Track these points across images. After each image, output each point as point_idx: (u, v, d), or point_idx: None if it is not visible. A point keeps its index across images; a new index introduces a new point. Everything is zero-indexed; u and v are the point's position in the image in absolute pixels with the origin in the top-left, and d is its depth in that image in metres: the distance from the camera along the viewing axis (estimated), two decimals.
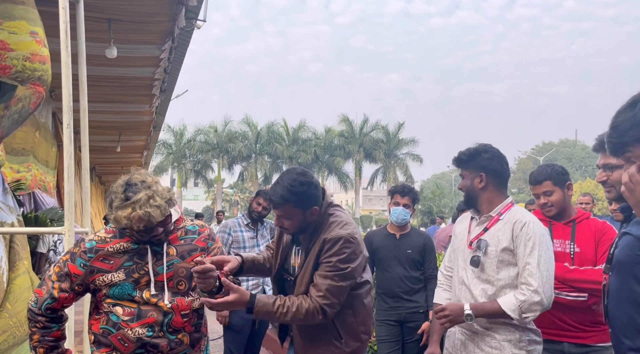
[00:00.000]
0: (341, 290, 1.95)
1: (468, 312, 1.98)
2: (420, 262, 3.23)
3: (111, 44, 4.98)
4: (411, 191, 3.29)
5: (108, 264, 1.77)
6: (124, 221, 1.70)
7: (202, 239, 1.96)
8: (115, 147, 10.15)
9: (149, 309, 1.77)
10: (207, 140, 35.30)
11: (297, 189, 1.95)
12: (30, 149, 6.28)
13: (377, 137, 36.41)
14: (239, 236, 3.71)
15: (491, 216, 2.10)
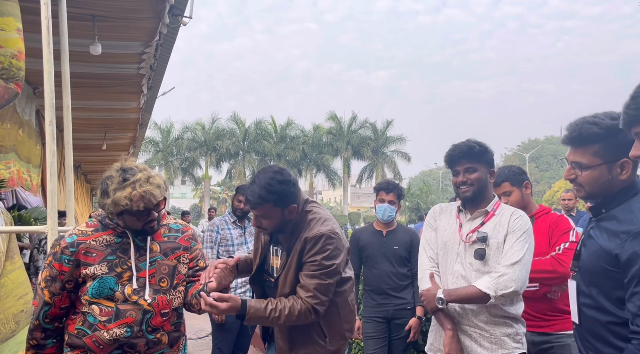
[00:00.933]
0: (329, 287, 1.97)
1: (439, 296, 2.02)
2: (407, 258, 3.24)
3: (96, 41, 4.91)
4: (396, 187, 3.30)
5: (91, 257, 1.74)
6: (123, 202, 1.67)
7: (185, 238, 1.94)
8: (100, 145, 10.02)
9: (128, 308, 1.74)
10: (194, 138, 35.08)
11: (275, 188, 1.93)
12: (12, 146, 6.18)
13: (365, 134, 36.49)
14: (227, 233, 3.71)
15: (487, 211, 2.12)
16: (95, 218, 1.84)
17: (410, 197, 37.11)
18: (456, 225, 2.18)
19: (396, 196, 3.27)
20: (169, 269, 1.83)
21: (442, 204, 2.36)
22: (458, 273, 2.10)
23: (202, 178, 37.45)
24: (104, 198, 1.73)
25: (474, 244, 2.07)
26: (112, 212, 1.74)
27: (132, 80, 6.65)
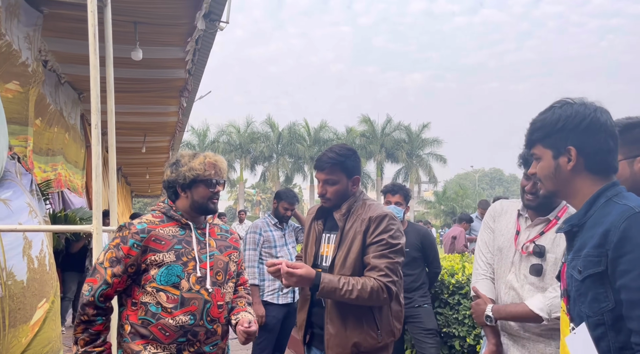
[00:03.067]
0: (398, 266, 1.98)
1: (488, 313, 1.91)
2: (420, 258, 3.18)
3: (137, 47, 5.07)
4: (401, 188, 3.29)
5: (160, 244, 1.81)
6: (198, 166, 1.83)
7: (233, 239, 2.06)
8: (140, 148, 10.32)
9: (192, 296, 1.80)
10: (229, 141, 35.64)
11: (345, 152, 2.08)
12: (60, 149, 6.46)
13: (399, 137, 36.13)
14: (270, 235, 3.74)
15: (549, 219, 1.92)
16: (159, 211, 1.91)
17: (445, 201, 36.48)
18: (513, 230, 2.00)
19: (402, 197, 3.25)
20: (223, 264, 1.93)
21: (503, 202, 2.16)
22: (510, 284, 1.95)
23: (236, 181, 38.00)
24: (178, 168, 1.86)
25: (530, 256, 1.90)
26: (183, 183, 1.86)
27: (171, 84, 6.82)
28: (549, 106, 1.32)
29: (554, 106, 1.30)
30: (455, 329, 3.06)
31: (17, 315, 3.09)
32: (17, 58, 4.21)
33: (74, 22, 4.77)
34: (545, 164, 1.30)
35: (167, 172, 1.89)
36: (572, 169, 1.25)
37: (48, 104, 5.64)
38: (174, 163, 1.90)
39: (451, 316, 3.12)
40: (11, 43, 3.98)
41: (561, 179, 1.27)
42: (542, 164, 1.31)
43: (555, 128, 1.26)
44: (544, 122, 1.30)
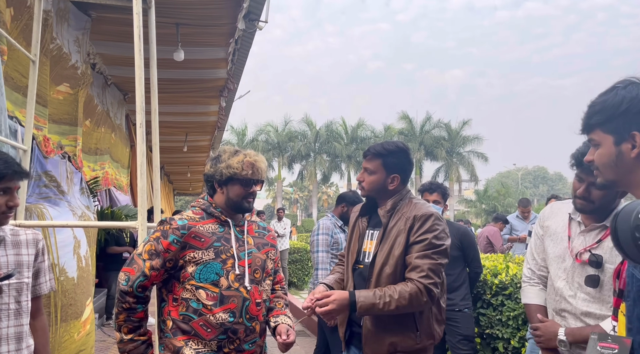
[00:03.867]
0: (441, 268, 1.92)
1: (561, 338, 1.74)
2: (460, 258, 3.10)
3: (179, 48, 5.19)
4: (439, 187, 3.22)
5: (199, 241, 1.80)
6: (235, 165, 1.83)
7: (271, 236, 2.05)
8: (182, 147, 10.58)
9: (231, 294, 1.79)
10: (267, 139, 36.05)
11: (390, 148, 2.07)
12: (107, 149, 6.71)
13: (439, 134, 35.50)
14: (338, 237, 3.71)
15: (606, 226, 1.74)
16: (199, 207, 1.90)
17: (486, 200, 35.55)
18: (565, 235, 1.86)
19: (440, 195, 3.18)
20: (261, 261, 1.92)
21: (554, 205, 2.01)
22: (560, 292, 1.82)
23: (274, 179, 38.44)
24: (217, 164, 1.87)
25: (585, 266, 1.76)
26: (220, 180, 1.86)
27: (212, 84, 6.96)
28: (610, 87, 1.20)
29: (617, 86, 1.18)
30: (498, 330, 2.98)
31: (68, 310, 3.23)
32: (67, 61, 4.40)
33: (119, 26, 4.94)
34: (605, 151, 1.18)
35: (207, 167, 1.91)
36: (636, 156, 1.13)
37: (96, 105, 5.87)
38: (215, 158, 1.91)
39: (494, 317, 3.03)
40: (62, 46, 4.16)
41: (623, 168, 1.15)
42: (601, 151, 1.19)
43: (618, 111, 1.14)
44: (604, 105, 1.17)
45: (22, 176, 1.53)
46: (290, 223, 10.46)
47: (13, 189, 1.49)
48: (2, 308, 1.50)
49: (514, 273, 3.04)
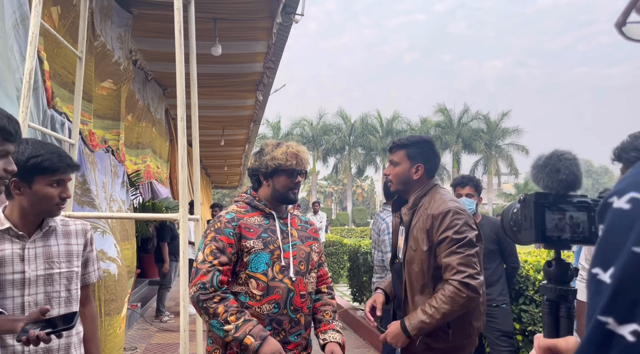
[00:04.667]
0: (471, 258, 1.90)
1: None
2: (496, 252, 3.03)
3: (216, 43, 5.27)
4: (471, 180, 3.15)
5: (249, 232, 1.83)
6: (280, 156, 1.86)
7: (313, 230, 2.06)
8: (219, 141, 10.75)
9: (276, 285, 1.81)
10: (302, 133, 36.20)
11: (413, 139, 2.12)
12: (148, 143, 6.91)
13: (477, 127, 34.68)
14: None
15: None
16: (243, 201, 1.93)
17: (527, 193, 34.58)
18: None
19: (473, 189, 3.11)
20: (305, 254, 1.93)
21: None
22: None
23: (309, 172, 38.58)
24: (261, 157, 1.90)
25: None
26: (266, 172, 1.89)
27: (248, 78, 7.03)
28: None
29: None
30: (541, 328, 2.88)
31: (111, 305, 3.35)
32: (110, 57, 4.54)
33: (159, 22, 5.05)
34: None
35: (251, 161, 1.93)
36: None
37: (137, 100, 6.03)
38: (259, 152, 1.93)
39: (537, 314, 2.94)
40: (105, 43, 4.29)
41: None
42: None
43: None
44: None
45: (74, 169, 1.59)
46: (326, 216, 10.48)
47: (66, 181, 1.56)
48: (53, 296, 1.56)
49: None
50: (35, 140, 1.58)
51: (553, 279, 0.89)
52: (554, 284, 0.88)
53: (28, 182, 1.49)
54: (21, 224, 1.53)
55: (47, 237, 1.58)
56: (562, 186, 0.89)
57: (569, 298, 0.87)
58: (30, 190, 1.50)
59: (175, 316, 6.53)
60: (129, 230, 5.14)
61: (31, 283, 1.51)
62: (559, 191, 0.89)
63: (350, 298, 6.73)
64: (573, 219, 0.88)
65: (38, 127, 2.17)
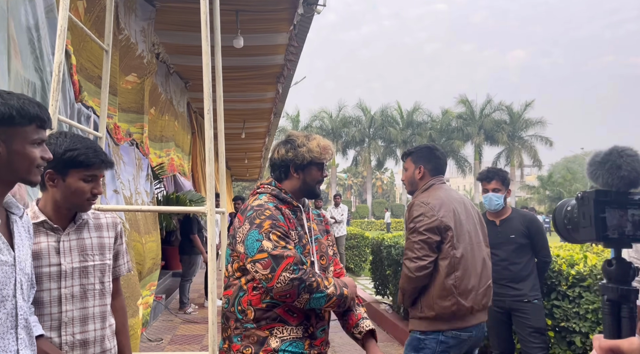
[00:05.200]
0: (414, 244, 2.23)
1: None
2: (527, 246, 2.96)
3: (238, 35, 5.25)
4: (496, 173, 3.08)
5: (290, 223, 1.76)
6: (315, 149, 1.82)
7: (325, 222, 2.01)
8: (240, 134, 10.78)
9: None
10: (322, 126, 36.14)
11: (418, 147, 2.52)
12: (171, 136, 6.96)
13: (500, 118, 34.10)
14: None
15: None
16: (269, 194, 1.82)
17: (551, 186, 33.93)
18: None
19: (499, 182, 3.05)
20: (325, 248, 1.89)
21: None
22: None
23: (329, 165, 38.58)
24: (296, 148, 1.81)
25: None
26: (299, 164, 1.81)
27: (268, 71, 7.00)
28: None
29: None
30: (575, 324, 2.80)
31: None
32: (134, 51, 4.56)
33: (182, 15, 5.04)
34: None
35: (280, 151, 1.83)
36: None
37: (160, 93, 6.07)
38: (288, 142, 1.85)
39: (570, 309, 2.85)
40: (130, 37, 4.31)
41: None
42: None
43: None
44: None
45: (108, 166, 1.59)
46: (347, 209, 10.43)
47: (98, 178, 1.56)
48: (88, 288, 1.57)
49: (593, 264, 2.84)
50: (73, 133, 1.59)
51: (614, 279, 0.84)
52: (615, 284, 0.84)
53: (62, 175, 1.50)
54: (55, 217, 1.53)
55: (80, 231, 1.58)
56: (623, 183, 0.86)
57: (631, 298, 0.82)
58: (64, 183, 1.50)
59: (200, 308, 6.59)
60: (153, 223, 5.20)
61: (67, 276, 1.52)
62: (619, 188, 0.86)
63: (372, 291, 6.70)
64: (635, 216, 0.84)
65: (67, 121, 2.18)
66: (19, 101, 1.15)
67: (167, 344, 4.81)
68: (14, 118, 1.13)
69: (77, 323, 1.54)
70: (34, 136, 1.18)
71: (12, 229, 1.20)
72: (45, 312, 1.48)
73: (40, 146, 1.20)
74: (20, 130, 1.15)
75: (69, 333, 1.52)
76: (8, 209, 1.21)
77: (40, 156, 1.20)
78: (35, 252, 1.46)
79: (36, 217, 1.50)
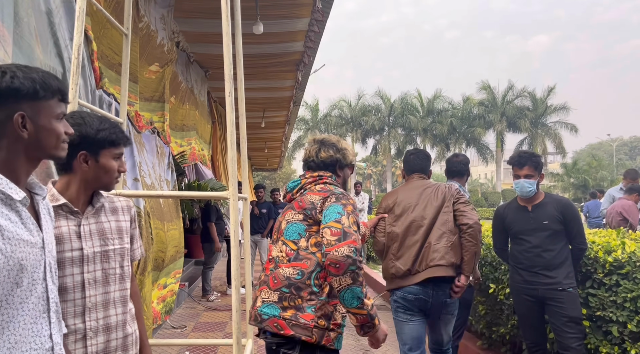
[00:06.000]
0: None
1: None
2: (561, 232, 2.83)
3: (258, 21, 5.18)
4: (528, 158, 2.92)
5: None
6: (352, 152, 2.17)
7: None
8: (259, 123, 10.75)
9: None
10: (341, 115, 35.91)
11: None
12: (192, 125, 6.96)
13: (523, 104, 33.33)
14: None
15: None
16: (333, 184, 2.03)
17: (575, 173, 33.13)
18: None
19: (532, 168, 2.90)
20: None
21: None
22: None
23: None
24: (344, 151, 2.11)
25: None
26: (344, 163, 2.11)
27: (288, 58, 6.92)
28: None
29: None
30: (612, 313, 2.68)
31: None
32: (155, 39, 4.53)
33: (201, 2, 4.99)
34: None
35: (329, 152, 2.07)
36: None
37: (180, 82, 6.05)
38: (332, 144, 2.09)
39: (607, 298, 2.73)
40: (149, 24, 4.28)
41: None
42: None
43: None
44: None
45: (129, 143, 1.59)
46: (368, 197, 10.34)
47: (122, 156, 1.55)
48: (110, 273, 1.53)
49: (632, 251, 2.71)
50: (94, 114, 1.58)
51: None
52: None
53: (95, 155, 1.48)
54: (77, 199, 1.50)
55: (98, 214, 1.55)
56: None
57: None
58: (97, 163, 1.49)
59: (222, 295, 6.62)
60: (175, 211, 5.21)
61: (89, 260, 1.49)
62: None
63: None
64: None
65: (88, 105, 2.15)
66: (39, 74, 1.11)
67: (191, 332, 4.84)
68: (38, 92, 1.08)
69: (100, 308, 1.51)
70: (58, 110, 1.14)
71: (38, 210, 1.16)
72: (69, 298, 1.45)
73: (62, 120, 1.16)
74: (45, 104, 1.11)
75: (93, 318, 1.49)
76: (31, 189, 1.17)
77: (65, 130, 1.16)
78: (57, 236, 1.43)
79: (56, 200, 1.46)
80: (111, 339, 1.54)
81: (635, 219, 5.07)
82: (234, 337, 2.07)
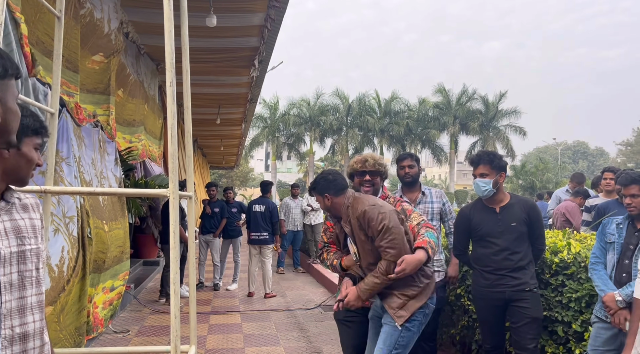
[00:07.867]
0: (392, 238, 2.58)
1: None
2: (526, 234, 2.80)
3: (211, 13, 5.00)
4: (482, 157, 2.87)
5: None
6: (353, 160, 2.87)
7: None
8: (215, 120, 10.50)
9: None
10: (300, 114, 35.80)
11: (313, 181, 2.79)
12: (141, 120, 6.65)
13: (475, 107, 34.39)
14: None
15: None
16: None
17: (524, 175, 34.51)
18: None
19: (487, 167, 2.84)
20: None
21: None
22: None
23: (306, 153, 38.32)
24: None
25: None
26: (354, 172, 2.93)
27: (243, 53, 6.75)
28: None
29: None
30: (557, 313, 2.72)
31: None
32: (100, 27, 4.27)
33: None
34: None
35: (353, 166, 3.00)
36: None
37: (129, 74, 5.76)
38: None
39: (553, 298, 2.77)
40: (93, 11, 4.02)
41: None
42: None
43: None
44: None
45: (47, 135, 1.44)
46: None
47: (41, 148, 1.40)
48: (26, 275, 1.37)
49: (577, 251, 2.76)
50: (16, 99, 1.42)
51: None
52: None
53: (17, 142, 1.32)
54: None
55: (10, 211, 1.38)
56: None
57: None
58: (19, 152, 1.33)
59: None
60: (120, 210, 4.94)
61: (6, 261, 1.31)
62: None
63: None
64: None
65: None
66: None
67: (134, 336, 4.60)
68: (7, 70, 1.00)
69: (15, 315, 1.34)
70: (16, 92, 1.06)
71: None
72: None
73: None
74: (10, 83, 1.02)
75: (8, 326, 1.32)
76: None
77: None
78: None
79: None
80: (28, 349, 1.37)
81: (578, 221, 5.25)
82: (172, 344, 1.93)
